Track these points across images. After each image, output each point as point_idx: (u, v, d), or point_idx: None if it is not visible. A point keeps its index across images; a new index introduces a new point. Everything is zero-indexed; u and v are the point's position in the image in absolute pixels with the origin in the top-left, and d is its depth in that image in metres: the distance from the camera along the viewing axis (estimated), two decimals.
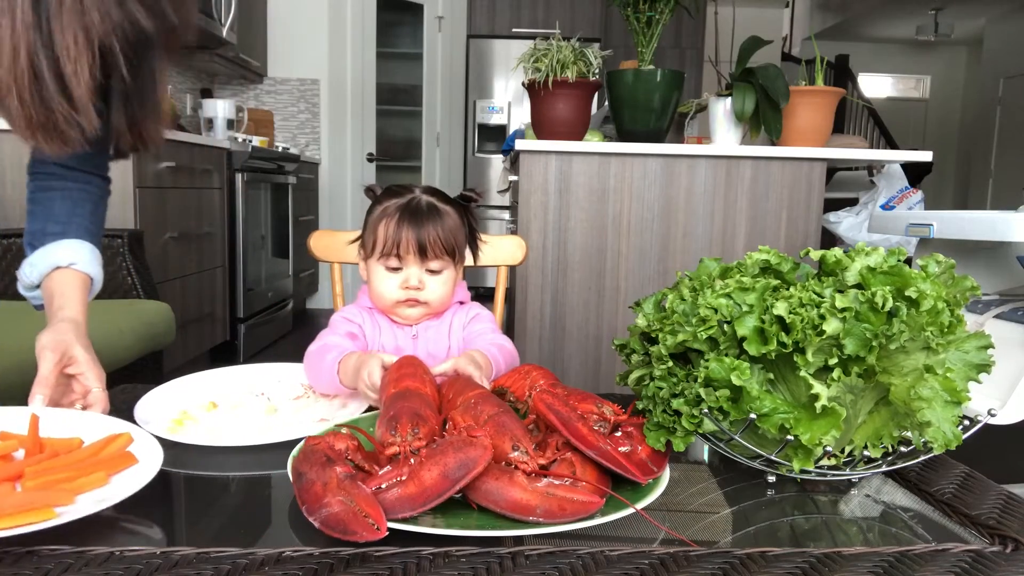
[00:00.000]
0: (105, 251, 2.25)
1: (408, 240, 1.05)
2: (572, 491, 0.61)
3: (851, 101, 7.87)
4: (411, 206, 1.08)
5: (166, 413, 0.87)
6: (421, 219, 1.07)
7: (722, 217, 2.74)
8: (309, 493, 0.60)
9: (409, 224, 1.06)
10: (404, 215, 1.07)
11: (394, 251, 1.06)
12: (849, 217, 3.65)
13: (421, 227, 1.06)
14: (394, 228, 1.06)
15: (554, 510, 0.60)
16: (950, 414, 0.66)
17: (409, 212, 1.07)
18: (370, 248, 1.10)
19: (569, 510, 0.60)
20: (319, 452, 0.64)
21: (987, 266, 1.95)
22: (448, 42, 5.83)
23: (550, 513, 0.60)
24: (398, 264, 1.08)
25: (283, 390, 1.00)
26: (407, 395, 0.77)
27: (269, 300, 4.00)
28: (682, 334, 0.72)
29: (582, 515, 0.60)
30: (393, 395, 0.78)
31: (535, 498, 0.61)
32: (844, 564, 0.57)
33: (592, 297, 2.78)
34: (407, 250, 1.06)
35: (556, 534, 0.62)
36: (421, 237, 1.06)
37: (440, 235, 1.07)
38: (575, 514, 0.60)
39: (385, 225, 1.07)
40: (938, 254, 0.75)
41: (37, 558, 0.55)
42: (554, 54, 2.56)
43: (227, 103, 3.94)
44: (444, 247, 1.07)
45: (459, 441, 0.63)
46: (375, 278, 1.10)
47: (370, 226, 1.11)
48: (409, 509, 0.60)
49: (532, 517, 0.60)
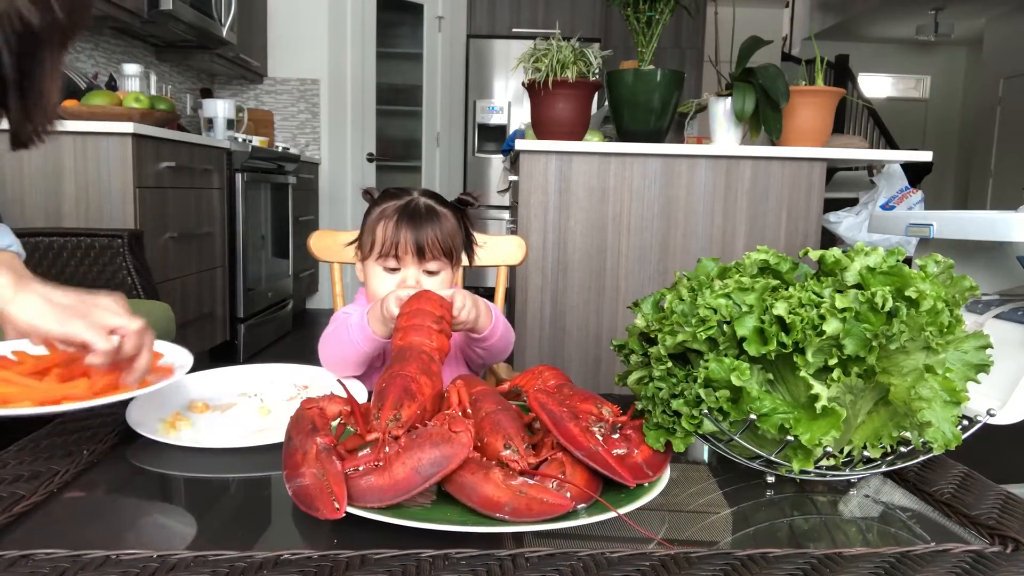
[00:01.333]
0: (105, 251, 2.26)
1: (406, 241, 1.06)
2: (543, 492, 0.61)
3: (851, 101, 7.87)
4: (409, 207, 1.09)
5: (157, 415, 0.87)
6: (419, 220, 1.07)
7: (722, 217, 2.74)
8: (291, 460, 0.63)
9: (407, 225, 1.07)
10: (402, 216, 1.07)
11: (392, 252, 1.07)
12: (849, 217, 3.65)
13: (419, 228, 1.07)
14: (392, 229, 1.07)
15: (521, 509, 0.60)
16: (950, 414, 0.66)
17: (407, 213, 1.08)
18: (368, 249, 1.11)
19: (536, 510, 0.60)
20: (307, 419, 0.66)
21: (987, 266, 1.95)
22: (448, 42, 5.82)
23: (517, 512, 0.60)
24: (396, 265, 1.08)
25: (276, 391, 1.00)
26: (406, 357, 0.78)
27: (269, 300, 4.00)
28: (681, 334, 0.72)
29: (548, 516, 0.60)
30: (395, 354, 0.81)
31: (505, 496, 0.61)
32: (845, 565, 0.57)
33: (592, 297, 2.78)
34: (405, 250, 1.07)
35: (556, 535, 0.62)
36: (419, 238, 1.07)
37: (438, 236, 1.08)
38: (541, 514, 0.60)
39: (384, 226, 1.08)
40: (937, 254, 0.75)
41: (32, 562, 0.54)
42: (554, 54, 2.56)
43: (227, 103, 3.94)
44: (442, 248, 1.08)
45: (438, 436, 0.63)
46: (372, 278, 1.11)
47: (368, 227, 1.11)
48: (377, 500, 0.61)
49: (499, 514, 0.61)
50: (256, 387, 0.99)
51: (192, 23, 3.56)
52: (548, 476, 0.64)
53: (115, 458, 0.78)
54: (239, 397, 0.96)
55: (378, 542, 0.59)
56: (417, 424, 0.68)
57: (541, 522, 0.61)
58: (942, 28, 8.44)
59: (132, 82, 3.29)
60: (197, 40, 3.94)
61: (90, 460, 0.76)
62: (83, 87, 3.11)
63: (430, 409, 0.72)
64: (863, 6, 7.92)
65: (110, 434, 0.83)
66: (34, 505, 0.66)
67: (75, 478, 0.72)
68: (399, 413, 0.68)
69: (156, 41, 4.02)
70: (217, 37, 3.90)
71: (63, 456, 0.75)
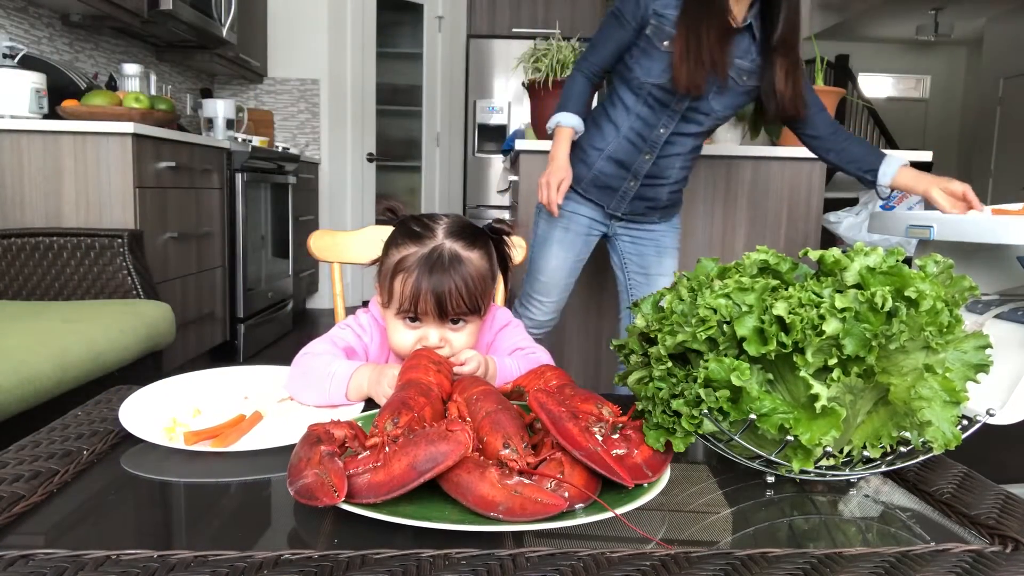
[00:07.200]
0: (105, 251, 2.26)
1: (427, 301, 0.97)
2: (538, 492, 0.62)
3: (851, 101, 7.87)
4: (432, 259, 0.98)
5: (156, 420, 0.86)
6: (442, 274, 0.97)
7: (722, 217, 2.74)
8: (294, 468, 0.65)
9: (429, 280, 0.96)
10: (423, 271, 0.97)
11: (412, 309, 0.98)
12: (849, 217, 3.64)
13: (442, 283, 0.96)
14: (412, 286, 0.97)
15: (515, 509, 0.61)
16: (949, 414, 0.66)
17: (429, 268, 0.97)
18: (386, 299, 1.02)
19: (530, 510, 0.60)
20: (313, 434, 0.68)
21: (987, 266, 1.95)
22: (448, 42, 5.82)
23: (511, 511, 0.60)
24: (416, 322, 1.00)
25: (268, 393, 0.99)
26: (405, 386, 0.80)
27: (269, 300, 4.00)
28: (681, 334, 0.72)
29: (543, 516, 0.60)
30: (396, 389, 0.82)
31: (500, 495, 0.61)
32: (845, 565, 0.57)
33: (592, 297, 2.78)
34: (426, 311, 0.98)
35: (556, 535, 0.62)
36: (441, 297, 0.97)
37: (463, 294, 0.97)
38: (536, 514, 0.60)
39: (402, 281, 0.98)
40: (936, 254, 0.75)
41: (32, 562, 0.54)
42: (554, 54, 2.56)
43: (227, 103, 3.94)
44: (467, 305, 0.98)
45: (434, 434, 0.64)
46: (392, 330, 1.02)
47: (385, 273, 1.01)
48: (375, 496, 0.62)
49: (493, 513, 0.61)
50: (247, 390, 0.99)
51: (192, 23, 3.56)
52: (546, 476, 0.64)
53: (115, 458, 0.78)
54: (232, 400, 0.95)
55: (378, 542, 0.59)
56: (415, 427, 0.69)
57: (537, 522, 0.61)
58: (942, 28, 8.44)
59: (132, 82, 3.29)
60: (197, 40, 3.94)
61: (90, 460, 0.76)
62: (83, 87, 3.11)
63: (428, 419, 0.73)
64: (863, 6, 7.92)
65: (110, 435, 0.83)
66: (34, 505, 0.66)
67: (75, 478, 0.72)
68: (397, 418, 0.70)
69: (156, 41, 4.02)
70: (217, 37, 3.90)
71: (63, 456, 0.75)
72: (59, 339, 1.65)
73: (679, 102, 1.84)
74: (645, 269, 2.07)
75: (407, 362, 0.90)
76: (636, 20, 1.80)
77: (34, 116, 2.58)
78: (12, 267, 2.25)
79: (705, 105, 1.85)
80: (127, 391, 0.95)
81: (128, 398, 0.90)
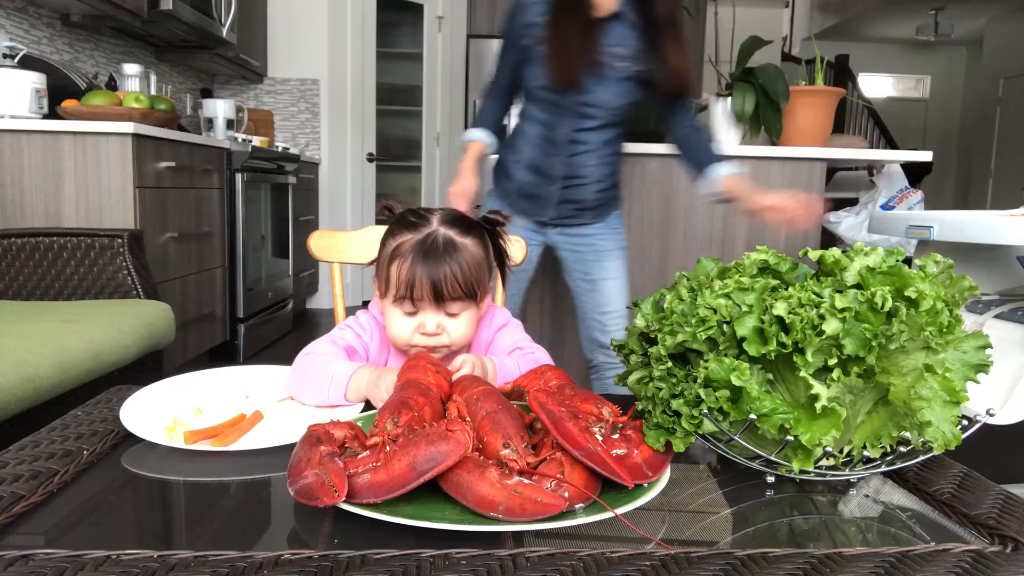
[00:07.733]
0: (105, 251, 2.26)
1: (422, 284, 0.98)
2: (538, 492, 0.62)
3: (851, 101, 7.87)
4: (426, 244, 0.99)
5: (156, 420, 0.86)
6: (437, 258, 0.98)
7: (722, 217, 2.74)
8: (294, 468, 0.65)
9: (423, 265, 0.98)
10: (418, 255, 0.99)
11: (408, 295, 0.99)
12: (849, 217, 3.64)
13: (437, 268, 0.98)
14: (407, 270, 0.98)
15: (515, 508, 0.61)
16: (949, 414, 0.66)
17: (424, 251, 0.99)
18: (383, 288, 1.03)
19: (530, 510, 0.60)
20: (313, 434, 0.68)
21: (987, 266, 1.95)
22: (448, 42, 5.82)
23: (511, 511, 0.60)
24: (413, 308, 1.01)
25: (268, 393, 0.99)
26: (404, 386, 0.80)
27: (269, 300, 4.00)
28: (681, 334, 0.72)
29: (543, 516, 0.60)
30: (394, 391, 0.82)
31: (500, 495, 0.61)
32: (845, 565, 0.57)
33: None
34: (421, 295, 0.99)
35: (556, 535, 0.62)
36: (436, 280, 0.98)
37: (458, 277, 0.98)
38: (535, 514, 0.60)
39: (398, 266, 1.00)
40: (936, 254, 0.75)
41: (32, 562, 0.54)
42: None
43: (227, 103, 3.94)
44: (463, 289, 0.99)
45: (434, 434, 0.64)
46: (390, 319, 1.03)
47: (382, 262, 1.03)
48: (374, 496, 0.62)
49: (493, 513, 0.61)
50: (247, 389, 0.99)
51: (192, 23, 3.56)
52: (546, 476, 0.64)
53: (115, 458, 0.78)
54: (232, 400, 0.95)
55: (378, 542, 0.59)
56: (415, 426, 0.69)
57: (537, 522, 0.61)
58: (942, 28, 8.44)
59: (132, 82, 3.29)
60: (197, 40, 3.94)
61: (90, 460, 0.76)
62: (83, 87, 3.11)
63: (428, 419, 0.73)
64: (863, 6, 7.92)
65: (110, 434, 0.83)
66: (34, 505, 0.66)
67: (75, 478, 0.72)
68: (397, 418, 0.70)
69: (156, 41, 4.02)
70: (217, 37, 3.90)
71: (63, 456, 0.75)
72: (59, 339, 1.65)
73: (566, 99, 1.88)
74: (588, 275, 2.06)
75: (406, 363, 0.90)
76: (514, 35, 1.89)
77: (34, 116, 2.58)
78: (12, 267, 2.25)
79: (592, 97, 1.87)
80: (127, 391, 0.95)
81: (129, 398, 0.90)
